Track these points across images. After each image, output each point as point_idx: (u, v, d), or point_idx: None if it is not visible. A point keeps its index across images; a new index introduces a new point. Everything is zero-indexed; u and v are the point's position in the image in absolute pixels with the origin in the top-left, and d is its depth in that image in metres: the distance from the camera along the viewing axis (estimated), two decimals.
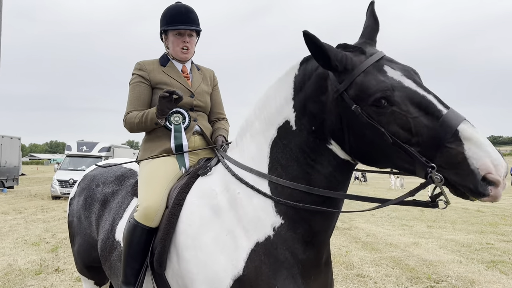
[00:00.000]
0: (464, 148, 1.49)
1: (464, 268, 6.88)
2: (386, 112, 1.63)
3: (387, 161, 1.72)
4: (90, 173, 3.15)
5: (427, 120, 1.57)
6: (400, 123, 1.61)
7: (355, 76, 1.69)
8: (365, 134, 1.69)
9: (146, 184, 2.37)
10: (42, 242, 8.78)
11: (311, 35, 1.68)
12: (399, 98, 1.61)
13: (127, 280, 2.26)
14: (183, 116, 2.56)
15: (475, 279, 6.26)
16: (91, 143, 21.35)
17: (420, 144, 1.58)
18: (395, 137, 1.60)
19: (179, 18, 2.61)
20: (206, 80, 2.81)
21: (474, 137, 1.49)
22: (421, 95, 1.61)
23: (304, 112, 1.89)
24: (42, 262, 7.07)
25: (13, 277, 6.15)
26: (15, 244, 8.57)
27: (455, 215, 14.32)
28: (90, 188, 2.98)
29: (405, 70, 1.70)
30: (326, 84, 1.80)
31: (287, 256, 1.87)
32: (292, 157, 1.92)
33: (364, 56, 1.74)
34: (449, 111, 1.56)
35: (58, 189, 18.91)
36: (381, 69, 1.68)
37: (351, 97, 1.69)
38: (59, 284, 5.85)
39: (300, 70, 1.95)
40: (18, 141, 25.43)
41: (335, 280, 6.10)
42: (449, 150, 1.51)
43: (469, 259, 7.58)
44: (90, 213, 2.88)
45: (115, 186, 2.83)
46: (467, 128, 1.52)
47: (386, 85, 1.63)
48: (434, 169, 1.53)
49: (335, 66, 1.72)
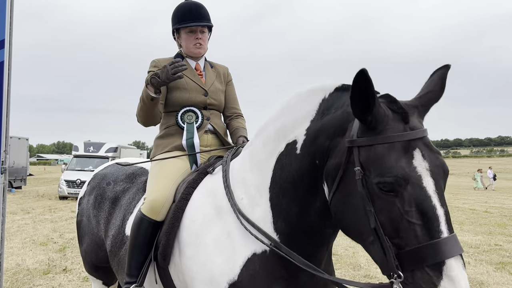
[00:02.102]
0: (441, 284, 1.31)
1: (473, 270, 6.82)
2: (386, 199, 1.41)
3: (356, 236, 1.58)
4: (101, 172, 3.17)
5: (421, 232, 1.37)
6: (392, 218, 1.41)
7: (378, 142, 1.44)
8: (351, 198, 1.52)
9: (155, 179, 2.40)
10: (50, 242, 8.84)
11: (368, 78, 1.39)
12: (407, 195, 1.38)
13: (130, 272, 2.28)
14: (196, 115, 2.57)
15: (483, 280, 6.21)
16: (98, 144, 21.46)
17: (401, 248, 1.39)
18: (381, 226, 1.42)
19: (190, 15, 2.61)
20: (220, 77, 2.80)
21: (457, 280, 1.31)
22: (432, 205, 1.38)
23: (314, 141, 1.71)
24: (50, 262, 7.11)
25: (22, 277, 6.19)
26: (23, 244, 8.63)
27: (462, 216, 14.21)
28: (100, 187, 2.99)
29: (435, 166, 1.44)
30: (347, 126, 1.59)
31: (282, 274, 1.83)
32: (289, 181, 1.81)
33: (402, 126, 1.46)
34: (449, 237, 1.36)
35: (65, 189, 19.02)
36: (410, 151, 1.42)
37: (361, 159, 1.47)
38: (67, 284, 5.88)
39: (332, 96, 1.73)
40: (26, 141, 25.61)
41: None
42: (424, 274, 1.34)
43: (478, 260, 7.52)
44: (100, 212, 2.90)
45: (126, 184, 2.85)
46: (456, 267, 1.33)
47: (403, 174, 1.38)
48: (399, 279, 1.37)
49: (369, 121, 1.46)
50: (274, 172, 1.90)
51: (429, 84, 1.63)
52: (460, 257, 1.36)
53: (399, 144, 1.42)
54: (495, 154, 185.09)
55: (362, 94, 1.41)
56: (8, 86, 1.43)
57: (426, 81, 1.65)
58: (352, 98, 1.43)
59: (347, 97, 1.60)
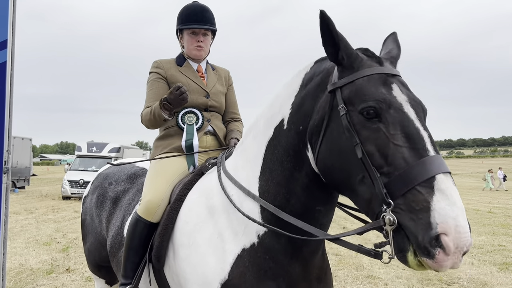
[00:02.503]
0: (433, 198, 1.29)
1: (476, 270, 6.80)
2: (370, 126, 1.45)
3: (345, 182, 1.56)
4: (104, 171, 3.20)
5: (409, 154, 1.38)
6: (379, 145, 1.43)
7: (357, 77, 1.54)
8: (337, 142, 1.54)
9: (151, 180, 2.40)
10: (53, 242, 8.85)
11: (328, 17, 1.53)
12: (391, 118, 1.43)
13: (126, 274, 2.29)
14: (196, 117, 2.58)
15: (487, 281, 6.19)
16: (101, 144, 21.52)
17: (390, 176, 1.39)
18: (368, 156, 1.43)
19: (194, 17, 2.63)
20: (221, 80, 2.81)
21: (449, 192, 1.30)
22: (415, 127, 1.42)
23: (299, 109, 1.77)
24: (53, 261, 7.13)
25: (25, 277, 6.21)
26: (26, 244, 8.66)
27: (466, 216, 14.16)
28: (102, 187, 3.02)
29: (413, 100, 1.51)
30: (328, 80, 1.68)
31: (271, 266, 1.82)
32: (278, 160, 1.84)
33: (377, 64, 1.59)
34: (436, 156, 1.38)
35: (68, 189, 19.08)
36: (388, 84, 1.52)
37: (343, 96, 1.55)
38: (70, 284, 5.89)
39: (312, 68, 1.84)
40: (29, 142, 25.70)
41: (345, 281, 6.07)
42: (416, 193, 1.33)
43: (481, 261, 7.49)
44: (102, 211, 2.92)
45: (127, 185, 2.87)
46: (446, 180, 1.33)
47: (384, 97, 1.46)
48: (390, 206, 1.35)
49: (341, 58, 1.59)
50: (264, 160, 1.91)
51: (387, 46, 1.80)
52: (449, 174, 1.37)
53: (377, 76, 1.53)
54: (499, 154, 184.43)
55: (329, 32, 1.55)
56: (10, 86, 1.43)
57: (382, 46, 1.82)
58: (323, 40, 1.57)
59: (326, 63, 1.76)
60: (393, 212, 1.35)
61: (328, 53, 1.60)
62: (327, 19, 1.53)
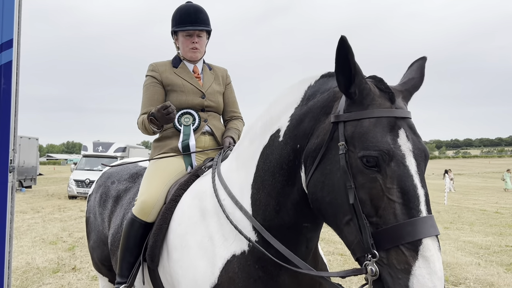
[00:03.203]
0: (415, 263, 1.29)
1: (483, 271, 6.75)
2: (368, 174, 1.40)
3: (332, 217, 1.53)
4: (108, 170, 3.23)
5: (401, 211, 1.35)
6: (373, 194, 1.39)
7: (364, 116, 1.45)
8: (331, 177, 1.49)
9: (147, 180, 2.42)
10: (59, 241, 8.92)
11: (348, 46, 1.41)
12: (390, 171, 1.38)
13: (122, 273, 2.31)
14: (193, 117, 2.58)
15: (494, 282, 6.15)
16: (107, 144, 21.61)
17: (377, 227, 1.37)
18: (359, 203, 1.40)
19: (188, 19, 2.62)
20: (218, 79, 2.80)
21: (432, 260, 1.29)
22: (413, 184, 1.37)
23: (298, 126, 1.70)
24: (59, 260, 7.18)
25: (31, 275, 6.25)
26: (33, 242, 8.73)
27: (473, 216, 14.08)
28: (105, 185, 3.06)
29: (417, 149, 1.44)
30: (333, 105, 1.59)
31: (260, 275, 1.80)
32: (270, 171, 1.79)
33: (389, 104, 1.47)
34: (428, 217, 1.35)
35: (74, 189, 19.19)
36: (395, 129, 1.43)
37: (346, 133, 1.47)
38: (76, 283, 5.92)
39: (318, 82, 1.74)
40: (36, 141, 25.88)
41: (351, 281, 6.05)
42: (399, 252, 1.32)
43: (488, 261, 7.44)
44: (104, 210, 2.95)
45: (129, 183, 2.89)
46: (432, 246, 1.31)
47: (388, 149, 1.38)
48: (375, 258, 1.35)
49: (353, 93, 1.47)
50: (257, 167, 1.87)
51: (409, 73, 1.67)
52: (436, 238, 1.35)
53: (386, 120, 1.43)
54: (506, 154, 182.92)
55: (344, 62, 1.43)
56: (16, 85, 1.44)
57: (406, 71, 1.70)
58: (337, 69, 1.45)
59: (333, 81, 1.63)
60: (376, 264, 1.36)
61: (340, 83, 1.48)
62: (347, 47, 1.41)
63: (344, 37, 1.40)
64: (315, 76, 1.77)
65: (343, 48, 1.41)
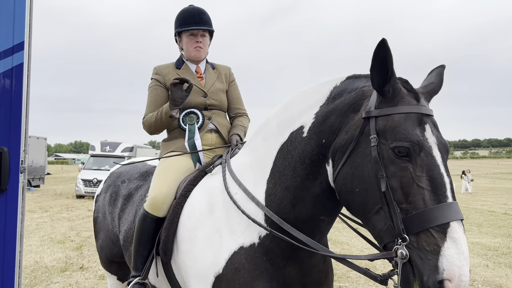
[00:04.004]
0: (444, 244, 1.39)
1: (491, 273, 6.70)
2: (399, 164, 1.51)
3: (361, 207, 1.62)
4: (116, 170, 3.28)
5: (429, 197, 1.45)
6: (404, 182, 1.49)
7: (395, 112, 1.56)
8: (361, 169, 1.59)
9: (158, 177, 2.48)
10: (67, 240, 8.99)
11: (388, 48, 1.51)
12: (420, 161, 1.49)
13: (136, 267, 2.38)
14: (197, 116, 2.63)
15: (502, 283, 6.10)
16: (114, 143, 21.73)
17: (407, 213, 1.47)
18: (391, 191, 1.50)
19: (192, 20, 2.70)
20: (221, 77, 2.86)
21: (459, 241, 1.39)
22: (440, 172, 1.49)
23: (324, 122, 1.78)
24: (67, 259, 7.23)
25: (40, 274, 6.31)
26: (41, 241, 8.80)
27: (481, 217, 13.97)
28: (115, 185, 3.10)
29: (441, 143, 1.57)
30: (362, 103, 1.69)
31: (267, 267, 1.86)
32: (290, 166, 1.85)
33: (415, 101, 1.60)
34: (454, 203, 1.46)
35: (82, 188, 19.32)
36: (422, 124, 1.55)
37: (377, 127, 1.57)
38: (84, 282, 5.97)
39: (344, 83, 1.82)
40: (44, 141, 26.09)
41: (357, 282, 6.03)
42: (429, 235, 1.42)
43: (496, 263, 7.39)
44: (114, 209, 2.99)
45: (140, 182, 2.94)
46: (459, 229, 1.42)
47: (418, 140, 1.50)
48: (405, 241, 1.44)
49: (387, 91, 1.58)
50: (274, 163, 1.93)
51: (429, 78, 1.80)
52: (461, 222, 1.45)
53: (414, 116, 1.55)
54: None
55: (383, 64, 1.53)
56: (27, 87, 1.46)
57: (426, 77, 1.83)
58: (374, 67, 1.54)
59: (359, 82, 1.77)
60: (406, 247, 1.44)
61: (374, 82, 1.58)
62: (387, 49, 1.51)
63: (385, 40, 1.50)
64: (341, 77, 1.86)
65: (383, 50, 1.51)
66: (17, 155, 1.45)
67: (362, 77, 1.80)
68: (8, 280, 1.42)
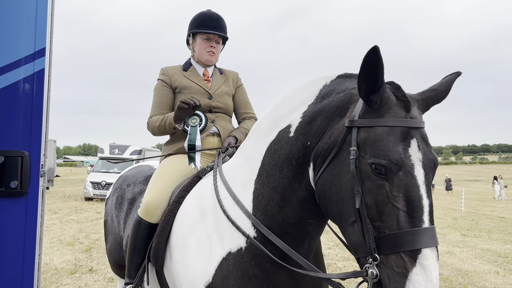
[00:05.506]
0: (413, 270, 1.33)
1: (502, 280, 6.63)
2: (375, 181, 1.43)
3: (336, 216, 1.57)
4: (124, 173, 3.30)
5: (404, 219, 1.38)
6: (379, 200, 1.42)
7: (378, 124, 1.46)
8: (340, 179, 1.52)
9: (153, 181, 2.46)
10: (76, 242, 9.04)
11: (380, 57, 1.39)
12: (398, 180, 1.40)
13: (129, 274, 2.35)
14: (200, 118, 2.60)
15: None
16: (123, 146, 21.83)
17: (379, 232, 1.41)
18: (365, 207, 1.43)
19: (210, 24, 2.69)
20: (228, 82, 2.84)
21: (429, 269, 1.33)
22: (419, 194, 1.40)
23: (310, 123, 1.71)
24: (76, 261, 7.28)
25: (49, 276, 6.35)
26: (51, 243, 8.86)
27: (491, 224, 13.83)
28: (121, 188, 3.11)
29: (427, 159, 1.46)
30: (349, 107, 1.60)
31: (256, 273, 1.80)
32: (277, 166, 1.80)
33: (404, 113, 1.48)
34: (429, 228, 1.39)
35: (91, 190, 19.42)
36: (407, 139, 1.44)
37: (358, 139, 1.48)
38: (93, 284, 6.00)
39: (334, 82, 1.74)
40: (53, 143, 26.30)
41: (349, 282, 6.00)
42: (399, 257, 1.36)
43: (507, 270, 7.31)
44: (120, 212, 3.00)
45: (144, 186, 2.92)
46: (430, 257, 1.35)
47: (397, 158, 1.40)
48: (376, 261, 1.39)
49: (374, 102, 1.48)
50: (263, 162, 1.89)
51: (435, 85, 1.66)
52: (435, 249, 1.39)
53: (399, 130, 1.44)
54: None
55: (372, 72, 1.41)
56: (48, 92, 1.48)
57: (440, 81, 1.69)
58: (362, 75, 1.43)
59: (350, 83, 1.67)
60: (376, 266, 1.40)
61: (361, 89, 1.47)
62: (378, 57, 1.39)
63: (377, 47, 1.38)
64: (331, 75, 1.78)
65: (373, 57, 1.39)
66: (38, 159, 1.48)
67: (353, 77, 1.70)
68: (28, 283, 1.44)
